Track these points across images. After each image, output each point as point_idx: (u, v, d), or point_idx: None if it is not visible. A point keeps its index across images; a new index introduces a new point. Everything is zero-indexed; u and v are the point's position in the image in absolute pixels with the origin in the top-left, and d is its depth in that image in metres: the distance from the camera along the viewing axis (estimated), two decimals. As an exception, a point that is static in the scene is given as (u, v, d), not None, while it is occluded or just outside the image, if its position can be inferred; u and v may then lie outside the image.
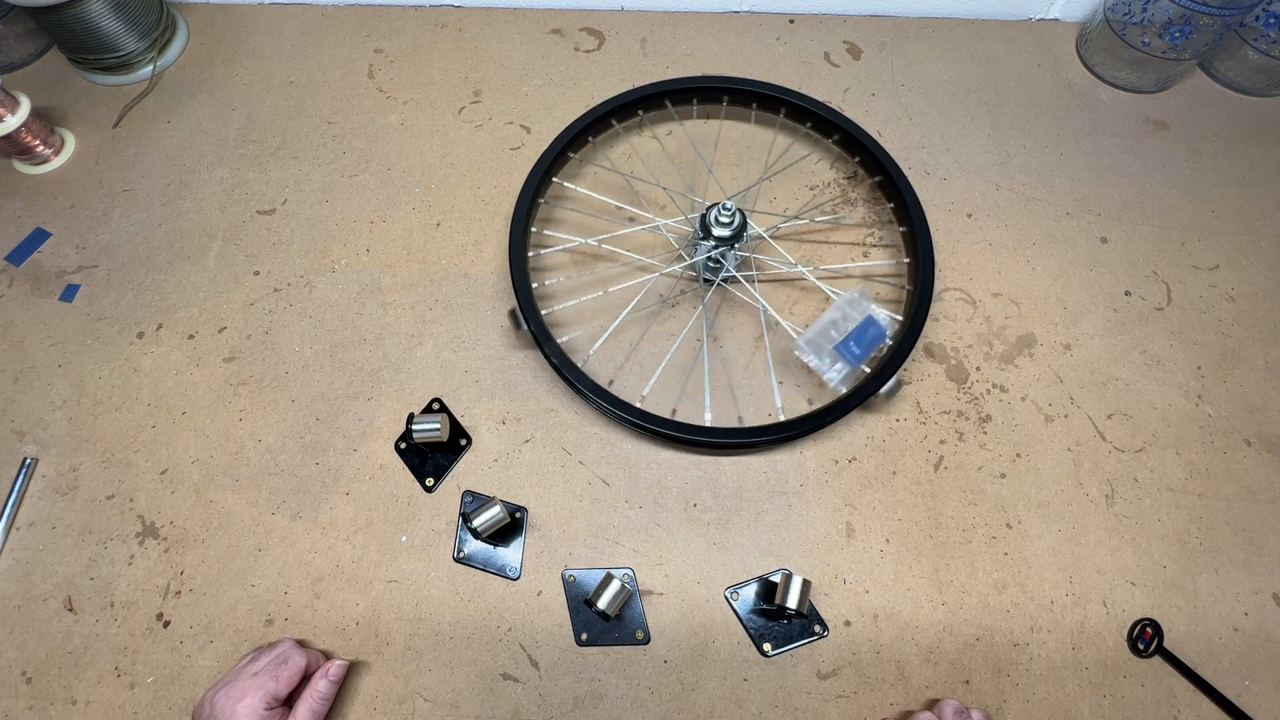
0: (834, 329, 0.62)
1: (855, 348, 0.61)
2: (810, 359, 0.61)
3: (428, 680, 0.54)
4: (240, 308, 0.68)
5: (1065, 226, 0.73)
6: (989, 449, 0.62)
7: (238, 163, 0.76)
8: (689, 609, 0.57)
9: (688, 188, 0.74)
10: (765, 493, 0.61)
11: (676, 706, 0.53)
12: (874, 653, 0.55)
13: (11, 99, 0.71)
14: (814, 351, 0.61)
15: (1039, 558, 0.58)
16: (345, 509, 0.60)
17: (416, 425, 0.58)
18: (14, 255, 0.71)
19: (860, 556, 0.58)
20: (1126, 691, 0.54)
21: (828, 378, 0.61)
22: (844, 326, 0.62)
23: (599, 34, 0.86)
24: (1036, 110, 0.80)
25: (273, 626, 0.56)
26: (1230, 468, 0.62)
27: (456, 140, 0.78)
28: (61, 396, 0.64)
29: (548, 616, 0.56)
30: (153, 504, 0.60)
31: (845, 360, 0.61)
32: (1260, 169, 0.77)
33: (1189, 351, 0.67)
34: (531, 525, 0.59)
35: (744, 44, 0.85)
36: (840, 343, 0.61)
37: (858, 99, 0.81)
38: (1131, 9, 0.75)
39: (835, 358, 0.61)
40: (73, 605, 0.57)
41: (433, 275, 0.70)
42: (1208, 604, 0.57)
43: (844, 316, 0.62)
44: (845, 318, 0.62)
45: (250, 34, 0.86)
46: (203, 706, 0.48)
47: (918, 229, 0.66)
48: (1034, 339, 0.67)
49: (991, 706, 0.54)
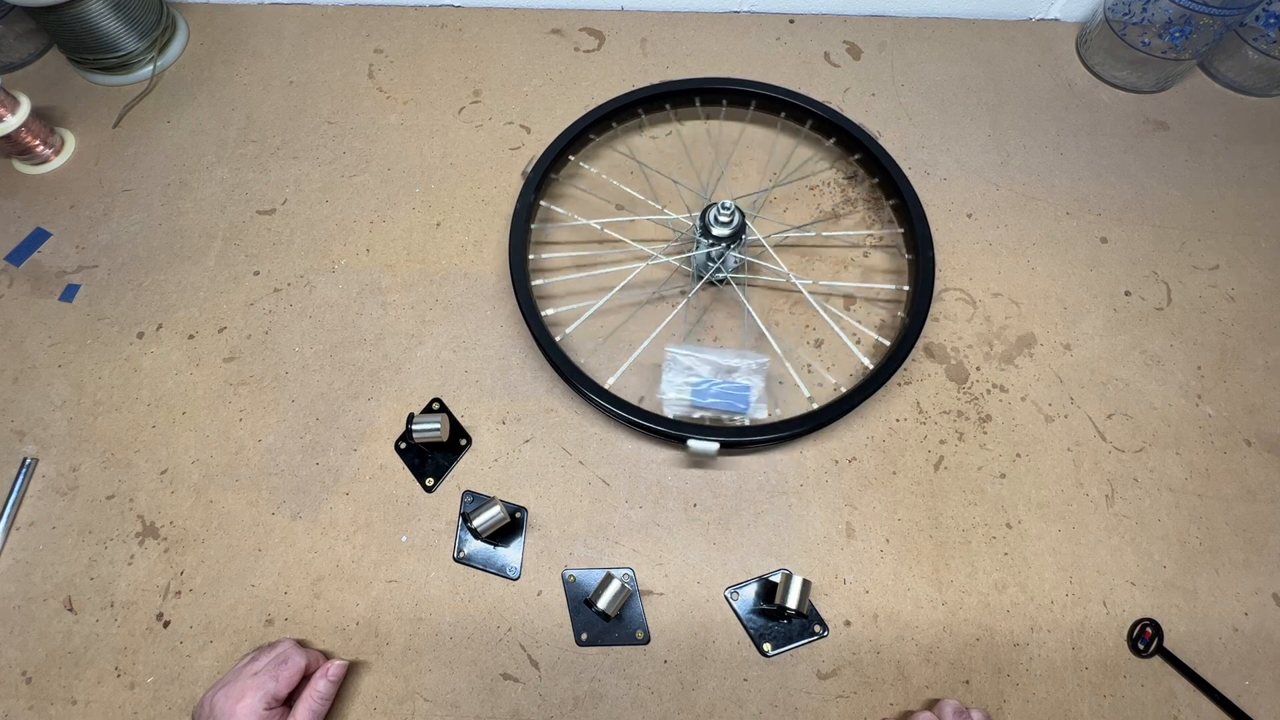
0: (712, 369, 0.60)
1: (710, 397, 0.59)
2: (668, 368, 0.60)
3: (428, 680, 0.54)
4: (240, 308, 0.68)
5: (1065, 226, 0.73)
6: (989, 449, 0.62)
7: (238, 163, 0.76)
8: (689, 609, 0.57)
9: (688, 189, 0.74)
10: (765, 493, 0.61)
11: (676, 706, 0.53)
12: (874, 653, 0.55)
13: (11, 99, 0.71)
14: (677, 366, 0.60)
15: (1039, 558, 0.58)
16: (345, 509, 0.60)
17: (416, 425, 0.58)
18: (14, 255, 0.71)
19: (860, 556, 0.58)
20: (1126, 691, 0.54)
21: (662, 392, 0.59)
22: (722, 375, 0.60)
23: (599, 34, 0.86)
24: (1036, 110, 0.80)
25: (273, 626, 0.56)
26: (1230, 468, 0.62)
27: (456, 140, 0.78)
28: (61, 396, 0.64)
29: (548, 616, 0.56)
30: (153, 504, 0.60)
31: (693, 397, 0.59)
32: (1260, 169, 0.77)
33: (1189, 351, 0.67)
34: (531, 525, 0.59)
35: (744, 44, 0.85)
36: (703, 381, 0.59)
37: (858, 99, 0.81)
38: (1131, 9, 0.75)
39: (687, 387, 0.59)
40: (73, 605, 0.57)
41: (433, 275, 0.70)
42: (1208, 604, 0.57)
43: (732, 369, 0.60)
44: (732, 370, 0.60)
45: (250, 34, 0.86)
46: (202, 706, 0.48)
47: (918, 229, 0.66)
48: (1034, 339, 0.67)
49: (991, 706, 0.54)
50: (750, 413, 0.59)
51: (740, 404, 0.59)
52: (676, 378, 0.60)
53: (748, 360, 0.60)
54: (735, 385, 0.59)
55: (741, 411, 0.59)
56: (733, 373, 0.60)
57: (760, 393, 0.59)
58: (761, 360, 0.60)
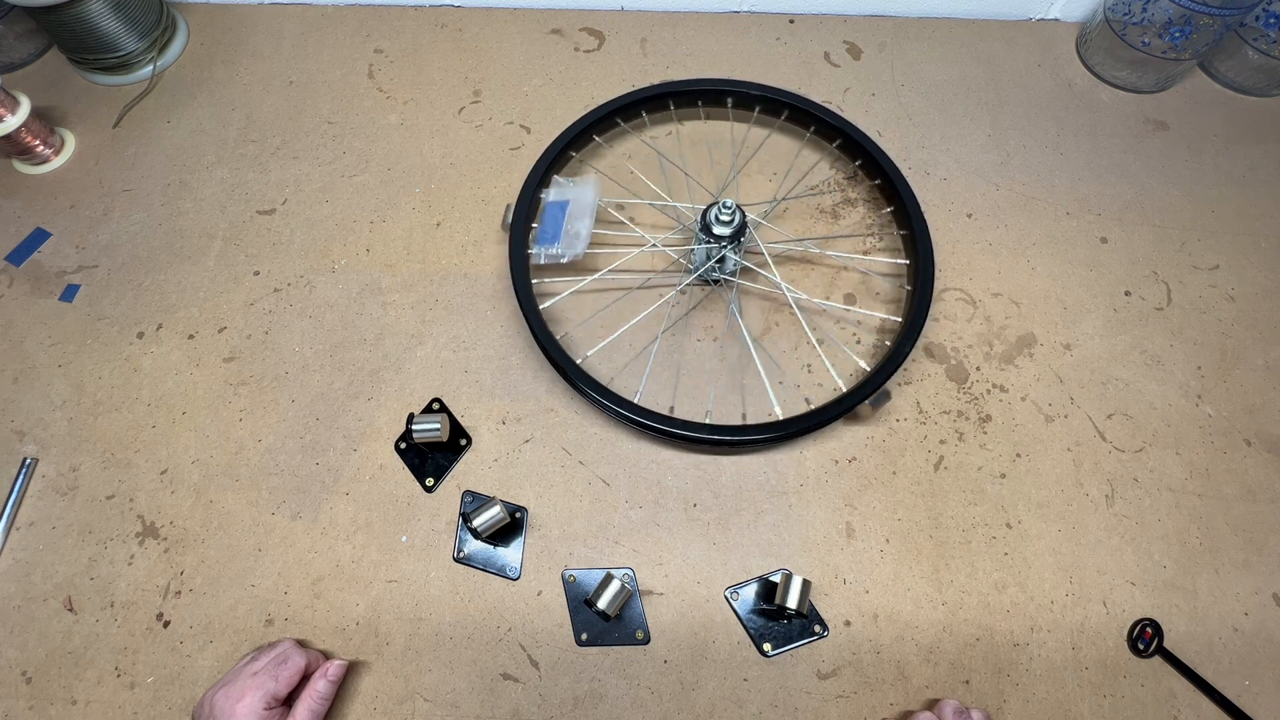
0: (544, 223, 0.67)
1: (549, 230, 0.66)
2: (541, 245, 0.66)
3: (428, 680, 0.54)
4: (240, 308, 0.68)
5: (1065, 226, 0.73)
6: (989, 449, 0.62)
7: (238, 163, 0.76)
8: (689, 609, 0.57)
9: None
10: (765, 493, 0.61)
11: (676, 706, 0.53)
12: (874, 653, 0.55)
13: (11, 99, 0.71)
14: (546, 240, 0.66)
15: (1039, 558, 0.58)
16: (345, 509, 0.60)
17: (416, 425, 0.58)
18: (14, 255, 0.71)
19: (860, 556, 0.58)
20: (1126, 691, 0.54)
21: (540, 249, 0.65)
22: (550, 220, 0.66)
23: (599, 34, 0.86)
24: (1036, 110, 0.80)
25: (273, 626, 0.56)
26: (1230, 468, 0.62)
27: (456, 140, 0.78)
28: (61, 396, 0.64)
29: (548, 616, 0.56)
30: (153, 504, 0.60)
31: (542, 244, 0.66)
32: (1260, 169, 0.77)
33: (1189, 351, 0.67)
34: (531, 525, 0.59)
35: (744, 44, 0.85)
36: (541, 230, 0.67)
37: (858, 99, 0.81)
38: (1131, 9, 0.75)
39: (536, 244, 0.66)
40: (73, 605, 0.57)
41: (433, 275, 0.70)
42: (1208, 604, 0.57)
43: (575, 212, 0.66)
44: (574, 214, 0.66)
45: (250, 34, 0.86)
46: (202, 706, 0.48)
47: (917, 230, 0.66)
48: (1034, 339, 0.67)
49: (991, 706, 0.54)
50: (536, 250, 0.65)
51: (544, 239, 0.66)
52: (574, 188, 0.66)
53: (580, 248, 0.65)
54: (562, 232, 0.66)
55: (538, 241, 0.65)
56: (572, 236, 0.65)
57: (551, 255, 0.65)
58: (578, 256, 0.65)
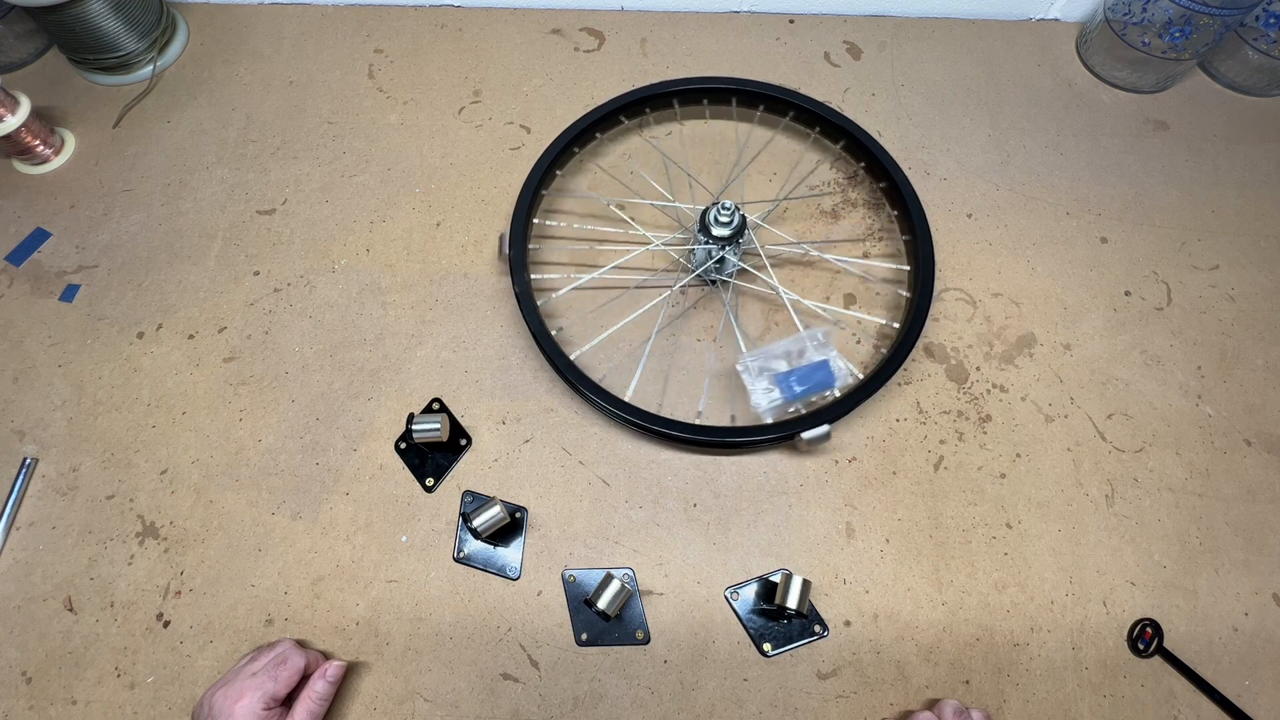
0: (785, 359, 0.60)
1: (797, 385, 0.59)
2: (748, 379, 0.60)
3: (428, 680, 0.54)
4: (240, 308, 0.68)
5: (1065, 226, 0.73)
6: (989, 449, 0.62)
7: (238, 163, 0.76)
8: (689, 609, 0.57)
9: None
10: (765, 493, 0.61)
11: (676, 706, 0.53)
12: (874, 653, 0.55)
13: (11, 99, 0.71)
14: (754, 373, 0.59)
15: (1039, 558, 0.58)
16: (345, 509, 0.60)
17: (416, 425, 0.58)
18: (14, 255, 0.71)
19: (860, 556, 0.58)
20: (1126, 691, 0.54)
21: (755, 403, 0.59)
22: (796, 360, 0.60)
23: (599, 34, 0.86)
24: (1036, 110, 0.80)
25: (273, 626, 0.56)
26: (1230, 468, 0.62)
27: (456, 140, 0.78)
28: (61, 396, 0.64)
29: (548, 616, 0.56)
30: (153, 504, 0.60)
31: (781, 392, 0.59)
32: (1260, 169, 0.77)
33: (1189, 351, 0.67)
34: (531, 525, 0.59)
35: (744, 44, 0.85)
36: (784, 374, 0.59)
37: (858, 99, 0.81)
38: (1131, 9, 0.75)
39: (772, 386, 0.59)
40: (73, 605, 0.57)
41: (433, 275, 0.70)
42: (1208, 604, 0.57)
43: (801, 351, 0.60)
44: (802, 352, 0.60)
45: (250, 34, 0.86)
46: (202, 706, 0.48)
47: (918, 231, 0.66)
48: (1034, 339, 0.67)
49: (991, 706, 0.54)
50: (840, 383, 0.59)
51: (827, 379, 0.59)
52: (759, 384, 0.60)
53: (811, 338, 0.60)
54: (813, 365, 0.59)
55: (831, 386, 0.59)
56: (803, 355, 0.60)
57: (837, 360, 0.59)
58: (824, 332, 0.60)
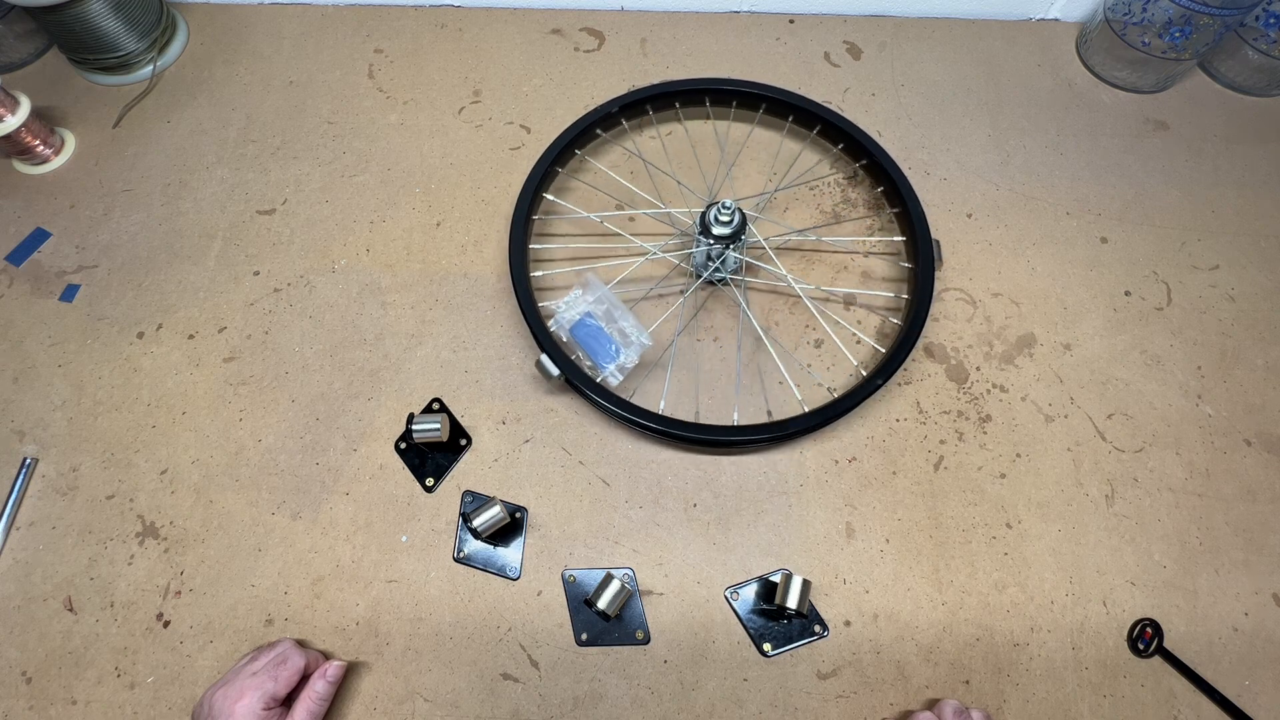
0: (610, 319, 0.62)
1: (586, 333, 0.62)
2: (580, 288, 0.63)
3: (428, 680, 0.54)
4: (240, 308, 0.68)
5: (1065, 226, 0.73)
6: (989, 449, 0.62)
7: (238, 163, 0.76)
8: (689, 609, 0.57)
9: (689, 189, 0.74)
10: (765, 493, 0.61)
11: (676, 706, 0.53)
12: (874, 653, 0.55)
13: (11, 99, 0.71)
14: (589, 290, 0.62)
15: (1039, 558, 0.58)
16: (345, 509, 0.60)
17: (416, 425, 0.58)
18: (14, 255, 0.71)
19: (860, 556, 0.58)
20: (1126, 691, 0.54)
21: (556, 307, 0.62)
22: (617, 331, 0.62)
23: (599, 34, 0.86)
24: (1036, 110, 0.80)
25: (273, 626, 0.56)
26: (1230, 468, 0.62)
27: (456, 140, 0.78)
28: (61, 396, 0.64)
29: (548, 616, 0.56)
30: (153, 504, 0.60)
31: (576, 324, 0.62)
32: (1260, 169, 0.77)
33: (1189, 351, 0.67)
34: (531, 525, 0.59)
35: (744, 44, 0.85)
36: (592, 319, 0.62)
37: (858, 99, 0.81)
38: (1131, 9, 0.75)
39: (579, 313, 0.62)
40: (73, 605, 0.57)
41: (433, 275, 0.70)
42: (1208, 604, 0.57)
43: (631, 339, 0.62)
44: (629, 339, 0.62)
45: (250, 34, 0.86)
46: (202, 705, 0.48)
47: (918, 231, 0.66)
48: (1034, 339, 0.67)
49: (991, 706, 0.54)
50: (604, 373, 0.61)
51: (603, 358, 0.61)
52: (582, 298, 0.62)
53: (640, 336, 0.62)
54: (613, 341, 0.61)
55: (598, 365, 0.61)
56: (623, 336, 0.61)
57: (623, 366, 0.61)
58: (647, 344, 0.62)
